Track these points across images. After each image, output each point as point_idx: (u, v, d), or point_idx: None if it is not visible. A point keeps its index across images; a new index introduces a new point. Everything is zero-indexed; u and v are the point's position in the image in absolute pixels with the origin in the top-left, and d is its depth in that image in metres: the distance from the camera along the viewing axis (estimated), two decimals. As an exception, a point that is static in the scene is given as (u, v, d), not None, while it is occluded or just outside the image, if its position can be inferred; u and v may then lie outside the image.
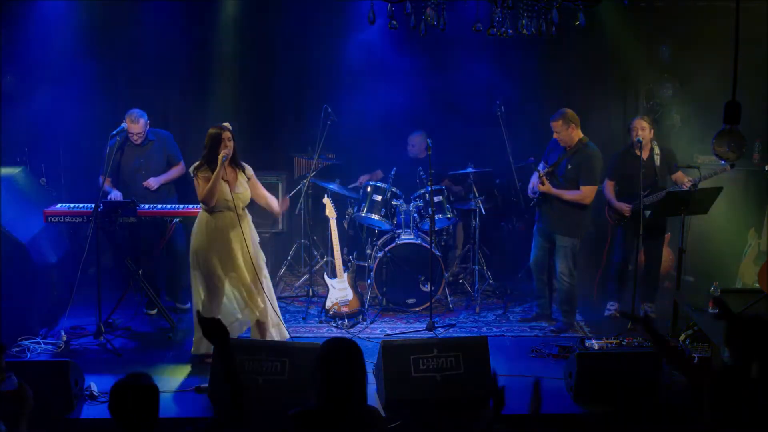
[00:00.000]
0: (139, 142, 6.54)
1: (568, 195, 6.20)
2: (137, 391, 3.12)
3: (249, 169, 5.71)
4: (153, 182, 6.57)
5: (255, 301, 5.60)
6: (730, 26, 4.34)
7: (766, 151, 7.52)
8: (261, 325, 5.68)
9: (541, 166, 6.46)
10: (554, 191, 6.22)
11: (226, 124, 5.57)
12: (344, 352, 3.31)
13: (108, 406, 3.12)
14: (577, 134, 6.21)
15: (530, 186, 6.51)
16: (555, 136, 6.26)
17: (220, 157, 5.41)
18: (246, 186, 5.62)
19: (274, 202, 5.83)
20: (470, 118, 7.74)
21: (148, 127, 6.55)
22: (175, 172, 6.74)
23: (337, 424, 3.22)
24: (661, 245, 6.80)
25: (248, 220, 5.70)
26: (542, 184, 6.23)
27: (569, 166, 6.19)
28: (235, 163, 5.60)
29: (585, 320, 6.74)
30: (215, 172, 5.40)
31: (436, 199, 7.01)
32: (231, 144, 5.49)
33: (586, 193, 6.18)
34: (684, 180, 6.48)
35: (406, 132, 7.75)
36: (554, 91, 7.44)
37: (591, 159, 6.18)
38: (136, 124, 6.43)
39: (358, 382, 3.30)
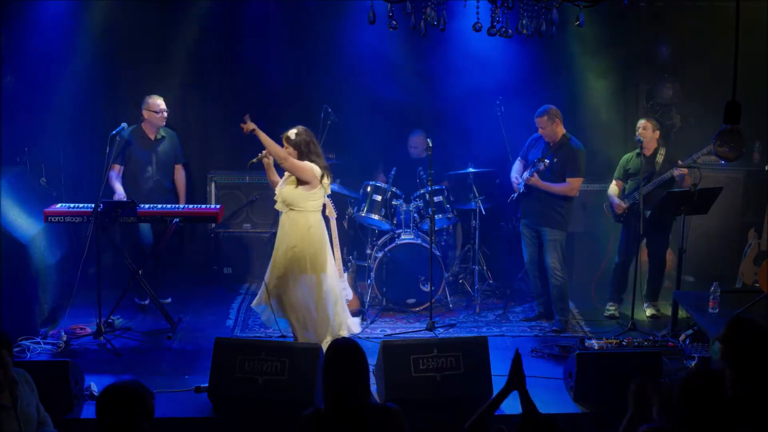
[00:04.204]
0: (162, 123, 6.69)
1: (557, 187, 6.31)
2: (122, 400, 3.11)
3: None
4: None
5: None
6: (730, 26, 4.34)
7: (766, 151, 7.53)
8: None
9: (517, 163, 6.62)
10: (543, 184, 6.28)
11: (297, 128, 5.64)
12: (347, 354, 3.31)
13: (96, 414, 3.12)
14: (561, 129, 6.34)
15: (514, 180, 6.57)
16: (540, 131, 6.38)
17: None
18: (290, 185, 5.61)
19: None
20: (470, 118, 7.75)
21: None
22: (183, 180, 7.05)
23: (351, 425, 3.22)
24: (664, 244, 6.81)
25: (294, 219, 5.62)
26: (531, 177, 6.30)
27: (555, 160, 6.31)
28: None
29: (585, 320, 6.75)
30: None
31: (436, 199, 7.01)
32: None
33: (573, 185, 6.31)
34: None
35: (406, 132, 7.76)
36: (554, 91, 7.43)
37: (576, 152, 6.31)
38: (158, 100, 6.64)
39: (362, 384, 3.30)
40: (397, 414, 3.32)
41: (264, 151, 5.58)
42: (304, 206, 5.57)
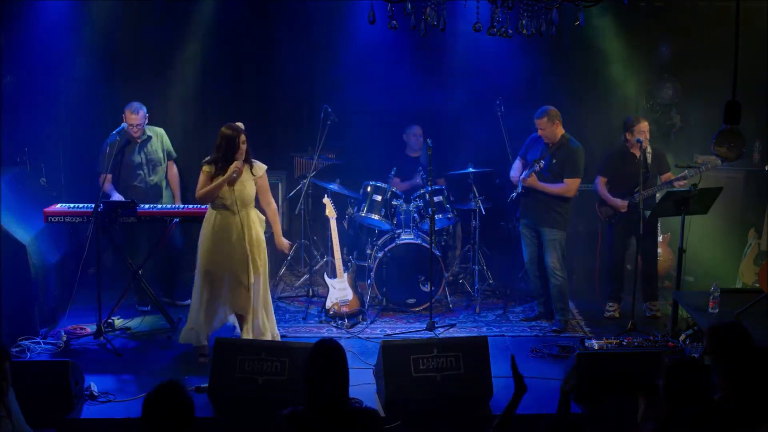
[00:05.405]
0: (138, 134, 6.58)
1: (554, 188, 6.31)
2: (173, 405, 3.15)
3: (260, 168, 5.66)
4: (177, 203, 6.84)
5: (239, 297, 5.58)
6: (730, 26, 4.34)
7: (766, 151, 7.53)
8: (240, 318, 5.67)
9: (517, 162, 6.61)
10: (540, 185, 6.29)
11: (239, 124, 5.55)
12: (326, 354, 3.36)
13: (141, 418, 3.16)
14: (560, 130, 6.35)
15: (513, 176, 6.58)
16: (540, 132, 6.38)
17: (232, 167, 5.42)
18: (251, 184, 5.58)
19: (273, 213, 5.78)
20: (470, 118, 7.74)
21: (146, 120, 6.60)
22: (176, 177, 6.93)
23: (329, 425, 3.25)
24: (655, 243, 6.83)
25: (253, 218, 5.61)
26: (528, 178, 6.31)
27: (554, 161, 6.31)
28: (246, 160, 5.56)
29: (585, 320, 6.75)
30: (223, 178, 5.42)
31: (436, 199, 7.01)
32: (244, 147, 5.49)
33: (570, 185, 6.30)
34: (672, 179, 6.53)
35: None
36: (554, 91, 7.44)
37: (575, 153, 6.30)
38: (136, 115, 6.48)
39: (340, 384, 3.34)
40: (374, 416, 3.36)
41: (236, 163, 5.45)
42: (252, 202, 5.65)
